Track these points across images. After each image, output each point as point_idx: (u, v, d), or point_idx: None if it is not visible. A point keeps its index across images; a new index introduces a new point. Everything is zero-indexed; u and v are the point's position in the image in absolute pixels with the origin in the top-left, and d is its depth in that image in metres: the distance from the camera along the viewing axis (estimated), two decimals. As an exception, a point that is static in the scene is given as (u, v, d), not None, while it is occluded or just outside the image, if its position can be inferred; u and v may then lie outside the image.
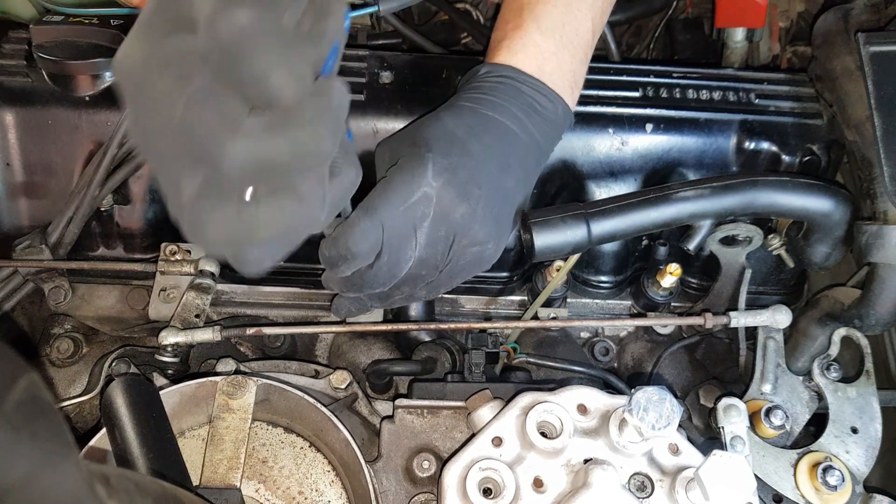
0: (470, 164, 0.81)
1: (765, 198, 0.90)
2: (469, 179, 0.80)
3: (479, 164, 0.81)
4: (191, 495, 0.68)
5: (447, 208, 0.79)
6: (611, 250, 1.13)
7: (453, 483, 0.77)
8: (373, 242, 0.77)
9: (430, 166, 0.79)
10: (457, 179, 0.80)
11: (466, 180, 0.80)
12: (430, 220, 0.79)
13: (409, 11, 1.46)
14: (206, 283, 1.05)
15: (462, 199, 0.80)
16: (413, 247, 0.79)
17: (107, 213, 1.09)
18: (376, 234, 0.77)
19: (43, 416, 0.41)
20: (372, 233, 0.76)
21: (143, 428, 0.75)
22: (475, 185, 0.81)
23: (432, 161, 0.79)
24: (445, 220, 0.80)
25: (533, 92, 0.87)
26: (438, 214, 0.79)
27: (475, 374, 0.96)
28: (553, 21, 0.89)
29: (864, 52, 0.93)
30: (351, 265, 0.78)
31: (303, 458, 0.86)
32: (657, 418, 0.73)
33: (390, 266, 0.79)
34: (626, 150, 1.08)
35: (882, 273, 0.88)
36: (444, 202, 0.79)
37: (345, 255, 0.76)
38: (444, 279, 0.85)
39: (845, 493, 0.89)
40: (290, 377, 0.93)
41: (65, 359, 1.07)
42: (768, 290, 1.15)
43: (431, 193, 0.79)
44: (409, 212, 0.78)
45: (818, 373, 0.97)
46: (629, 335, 1.16)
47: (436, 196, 0.79)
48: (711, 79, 1.10)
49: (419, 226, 0.79)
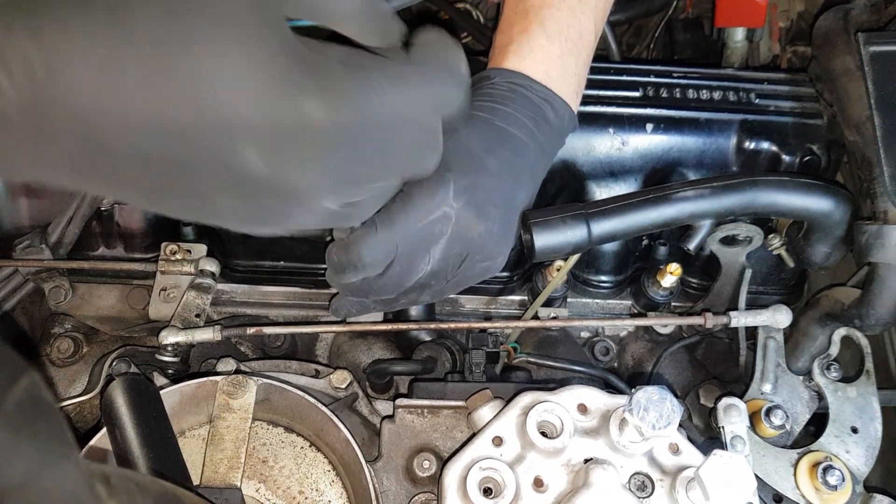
0: (488, 184, 0.80)
1: (765, 198, 0.90)
2: (487, 200, 0.80)
3: (495, 183, 0.81)
4: (191, 495, 0.68)
5: (465, 228, 0.79)
6: (611, 250, 1.13)
7: (454, 483, 0.77)
8: (386, 255, 0.77)
9: (451, 187, 0.78)
10: (476, 200, 0.79)
11: (485, 200, 0.80)
12: (447, 238, 0.79)
13: (408, 11, 1.46)
14: (206, 282, 1.05)
15: (481, 220, 0.80)
16: (427, 262, 0.79)
17: (107, 212, 1.09)
18: (390, 248, 0.76)
19: (43, 415, 0.41)
20: (386, 246, 0.76)
21: (143, 428, 0.75)
22: (492, 204, 0.81)
23: (454, 181, 0.78)
24: (462, 238, 0.80)
25: (542, 101, 0.87)
26: (456, 234, 0.79)
27: (475, 373, 0.96)
28: (558, 24, 0.89)
29: (864, 52, 0.93)
30: (359, 274, 0.78)
31: (303, 457, 0.86)
32: (657, 418, 0.73)
33: (400, 278, 0.79)
34: (626, 150, 1.08)
35: (882, 273, 0.88)
36: (462, 222, 0.79)
37: (355, 263, 0.76)
38: (451, 288, 0.85)
39: (845, 493, 0.89)
40: (290, 377, 0.93)
41: (65, 358, 1.07)
42: (768, 289, 1.15)
43: (451, 213, 0.78)
44: (427, 229, 0.77)
45: (818, 372, 0.97)
46: (629, 335, 1.16)
47: (455, 216, 0.78)
48: (711, 79, 1.10)
49: (435, 243, 0.79)
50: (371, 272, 0.78)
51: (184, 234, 1.11)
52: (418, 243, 0.78)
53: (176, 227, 1.11)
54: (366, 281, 0.79)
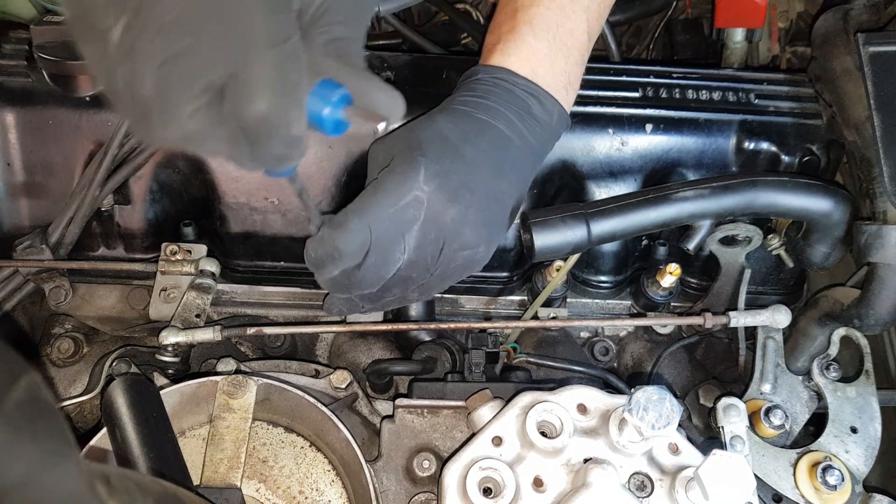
0: (462, 169, 0.81)
1: (764, 198, 0.90)
2: (461, 184, 0.81)
3: (471, 169, 0.82)
4: (191, 495, 0.68)
5: (438, 212, 0.80)
6: (610, 250, 1.13)
7: (453, 482, 0.77)
8: (360, 243, 0.77)
9: (422, 170, 0.79)
10: (448, 184, 0.80)
11: (458, 185, 0.80)
12: (420, 223, 0.79)
13: (409, 12, 1.46)
14: (206, 282, 1.05)
15: (453, 204, 0.80)
16: (402, 249, 0.80)
17: (107, 213, 1.09)
18: (364, 235, 0.77)
19: (44, 415, 0.41)
20: (360, 233, 0.77)
21: (143, 428, 0.75)
22: (467, 189, 0.81)
23: (424, 165, 0.79)
24: (436, 224, 0.80)
25: (526, 95, 0.87)
26: (429, 218, 0.79)
27: (475, 373, 0.96)
28: (547, 23, 0.89)
29: (863, 52, 0.93)
30: (338, 265, 0.78)
31: (303, 457, 0.86)
32: (657, 418, 0.73)
33: (377, 267, 0.80)
34: (625, 151, 1.08)
35: (881, 273, 0.88)
36: (434, 206, 0.79)
37: (332, 254, 0.77)
38: (436, 281, 0.85)
39: (845, 493, 0.89)
40: (290, 377, 0.93)
41: (65, 358, 1.07)
42: (768, 289, 1.15)
43: (422, 197, 0.79)
44: (399, 214, 0.78)
45: (818, 372, 0.97)
46: (629, 335, 1.16)
47: (427, 200, 0.79)
48: (711, 79, 1.10)
49: (408, 229, 0.79)
50: (348, 262, 0.78)
51: (184, 234, 1.11)
52: (391, 228, 0.78)
53: (176, 227, 1.11)
54: (345, 273, 0.79)
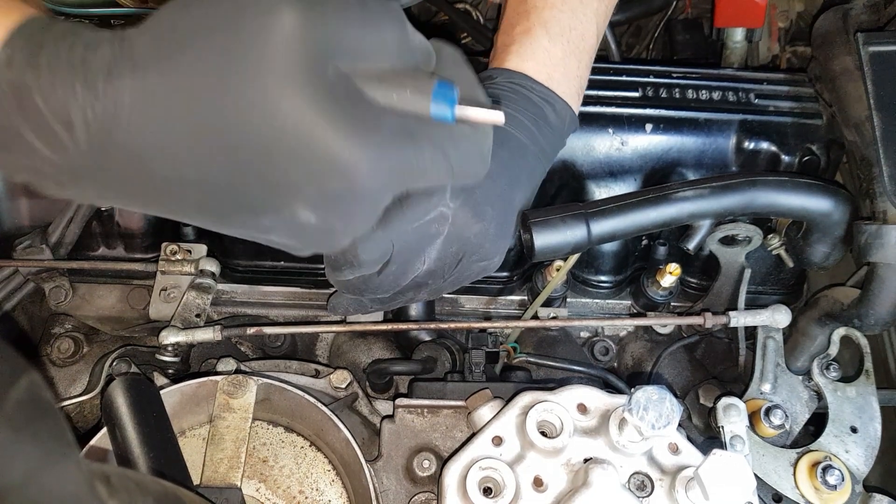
0: (486, 184, 0.80)
1: (764, 198, 0.90)
2: (484, 200, 0.80)
3: (493, 183, 0.81)
4: (192, 495, 0.68)
5: (462, 228, 0.79)
6: (610, 250, 1.13)
7: (453, 482, 0.77)
8: (382, 254, 0.77)
9: (448, 187, 0.78)
10: (473, 200, 0.79)
11: (482, 201, 0.80)
12: (443, 238, 0.79)
13: (408, 12, 1.46)
14: (206, 282, 1.05)
15: (477, 220, 0.80)
16: (422, 261, 0.80)
17: (107, 212, 1.09)
18: (386, 246, 0.76)
19: (44, 415, 0.41)
20: (382, 244, 0.76)
21: (143, 427, 0.75)
22: (489, 204, 0.81)
23: None
24: (459, 238, 0.80)
25: (543, 102, 0.87)
26: (452, 234, 0.79)
27: (475, 373, 0.96)
28: (561, 26, 0.89)
29: (863, 52, 0.93)
30: (355, 272, 0.78)
31: (303, 457, 0.86)
32: (657, 418, 0.73)
33: (396, 276, 0.80)
34: (625, 150, 1.08)
35: (881, 272, 0.88)
36: (459, 222, 0.79)
37: (352, 262, 0.76)
38: (447, 286, 0.85)
39: (845, 493, 0.89)
40: (290, 377, 0.93)
41: (65, 358, 1.08)
42: (768, 289, 1.15)
43: (448, 213, 0.78)
44: (423, 229, 0.77)
45: (818, 372, 0.97)
46: (629, 335, 1.16)
47: (452, 216, 0.79)
48: (711, 79, 1.10)
49: (431, 243, 0.79)
50: (367, 270, 0.78)
51: (184, 233, 1.11)
52: (415, 243, 0.78)
53: (176, 227, 1.11)
54: (362, 279, 0.79)
